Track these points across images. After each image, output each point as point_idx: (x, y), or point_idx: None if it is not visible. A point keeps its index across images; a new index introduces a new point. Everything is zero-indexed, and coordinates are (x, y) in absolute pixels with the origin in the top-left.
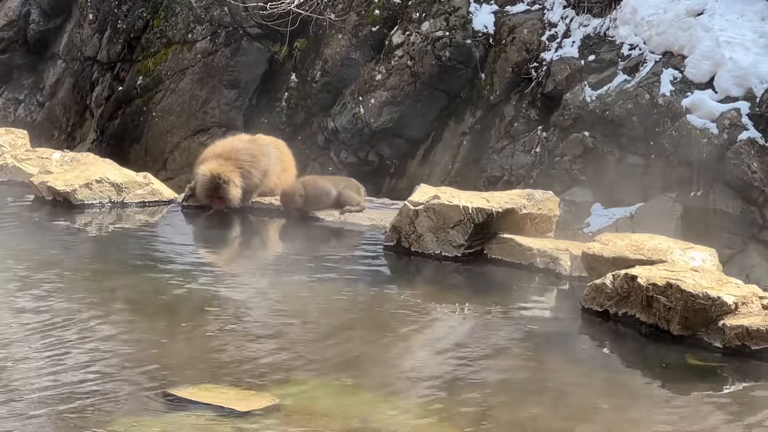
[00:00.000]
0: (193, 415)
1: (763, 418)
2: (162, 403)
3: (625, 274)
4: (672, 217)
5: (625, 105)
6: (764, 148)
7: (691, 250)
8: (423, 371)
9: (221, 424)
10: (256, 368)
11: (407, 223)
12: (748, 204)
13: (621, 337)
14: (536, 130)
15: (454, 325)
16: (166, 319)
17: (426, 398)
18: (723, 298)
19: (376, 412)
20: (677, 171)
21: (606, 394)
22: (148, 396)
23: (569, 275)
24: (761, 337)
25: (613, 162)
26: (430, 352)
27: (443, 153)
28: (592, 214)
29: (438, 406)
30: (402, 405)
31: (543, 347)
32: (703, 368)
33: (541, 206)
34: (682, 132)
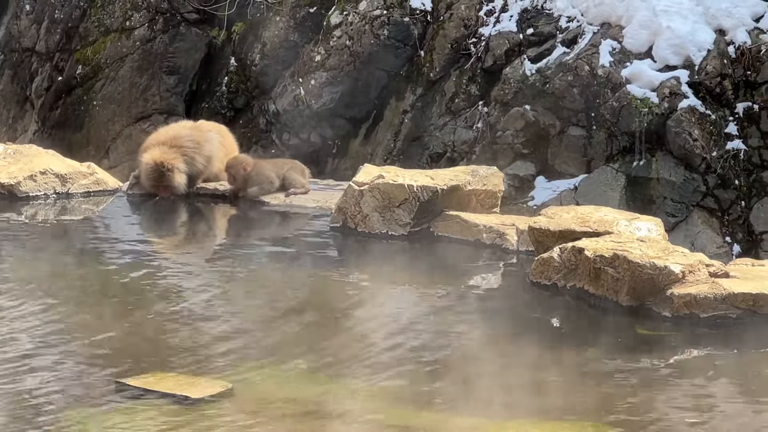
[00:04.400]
0: (145, 403)
1: (712, 387)
2: (113, 393)
3: (572, 246)
4: (615, 188)
5: (565, 77)
6: (704, 115)
7: (637, 220)
8: (375, 352)
9: (175, 411)
10: (208, 354)
11: (353, 203)
12: (691, 171)
13: (570, 309)
14: (477, 105)
15: (404, 304)
16: (114, 308)
17: (379, 379)
18: (670, 267)
19: (330, 395)
20: (619, 141)
21: (556, 367)
22: (99, 386)
23: (516, 250)
24: (709, 305)
25: (554, 135)
26: (382, 333)
27: (385, 131)
28: (536, 187)
29: (392, 386)
30: (356, 387)
31: (493, 323)
32: (652, 338)
33: (486, 182)
34: (623, 102)
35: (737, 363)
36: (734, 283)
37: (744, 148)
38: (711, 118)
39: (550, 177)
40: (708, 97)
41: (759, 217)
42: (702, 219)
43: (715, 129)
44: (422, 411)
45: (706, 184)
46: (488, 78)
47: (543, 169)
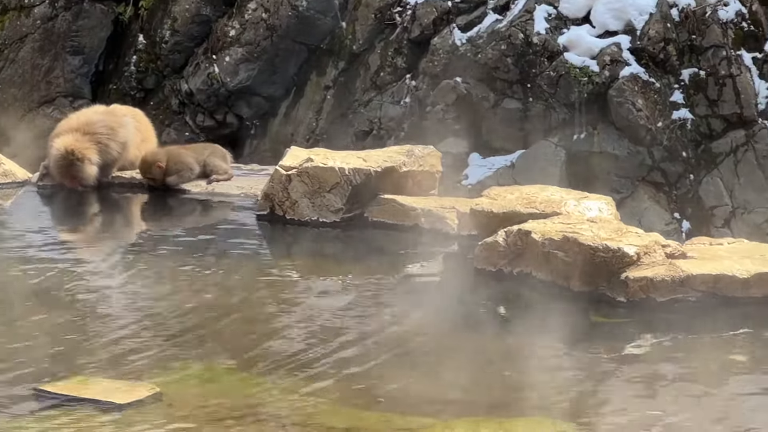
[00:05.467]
0: (68, 411)
1: (672, 375)
2: (32, 401)
3: (519, 230)
4: (555, 163)
5: (498, 47)
6: (648, 83)
7: (586, 199)
8: (309, 348)
9: (100, 418)
10: (132, 356)
11: (280, 189)
12: (635, 144)
13: (518, 297)
14: (404, 79)
15: (337, 296)
16: (26, 310)
17: (315, 377)
18: (624, 250)
19: (262, 395)
20: (558, 114)
21: (506, 359)
22: (17, 394)
23: (458, 234)
24: (667, 288)
25: (488, 108)
26: (314, 327)
27: (306, 110)
28: (470, 165)
29: (330, 385)
30: (291, 386)
31: (436, 314)
32: (607, 325)
33: (423, 162)
34: (561, 72)
35: (698, 349)
36: (692, 264)
37: (691, 117)
38: (655, 87)
39: (485, 154)
40: (651, 64)
41: (709, 190)
42: (649, 194)
43: (659, 98)
44: (366, 411)
45: (652, 157)
46: (415, 49)
47: (477, 145)
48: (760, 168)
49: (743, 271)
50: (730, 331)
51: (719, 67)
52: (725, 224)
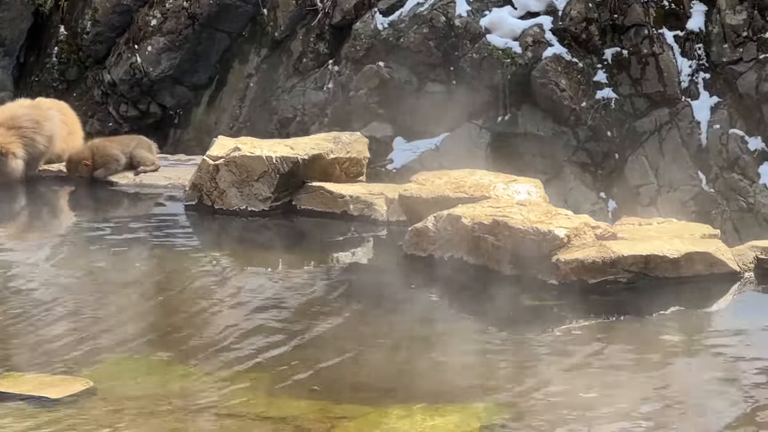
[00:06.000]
0: (1, 407)
1: (604, 357)
2: None
3: (448, 214)
4: (480, 146)
5: (420, 30)
6: (571, 63)
7: (515, 183)
8: (240, 338)
9: (33, 414)
10: (63, 351)
11: (208, 179)
12: (560, 124)
13: (449, 282)
14: (327, 64)
15: (267, 285)
16: None
17: (248, 367)
18: (554, 232)
19: (197, 386)
20: (481, 96)
21: (439, 345)
22: None
23: (387, 221)
24: (598, 270)
25: (412, 92)
26: (245, 318)
27: (230, 98)
28: (395, 149)
29: (259, 374)
30: (222, 377)
31: (367, 301)
32: (539, 308)
33: (350, 149)
34: (483, 54)
35: (629, 330)
36: (623, 245)
37: (615, 96)
38: (578, 67)
39: (410, 137)
40: (574, 44)
41: (634, 169)
42: (574, 175)
43: (583, 78)
44: (300, 400)
45: (577, 138)
46: (337, 35)
47: (401, 129)
48: (684, 146)
49: (673, 251)
50: (662, 311)
51: (641, 45)
52: (651, 203)
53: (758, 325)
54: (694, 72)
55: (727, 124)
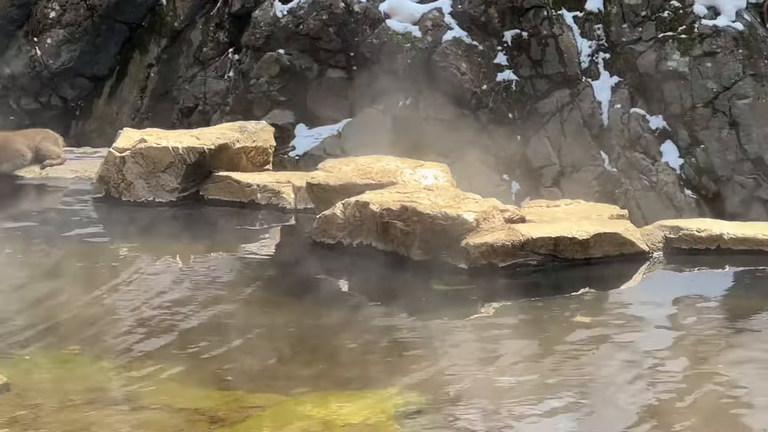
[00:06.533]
0: None
1: (514, 341)
2: None
3: (356, 201)
4: (382, 131)
5: (320, 17)
6: (471, 47)
7: (422, 168)
8: (150, 331)
9: None
10: None
11: (115, 171)
12: (461, 108)
13: (358, 269)
14: (227, 53)
15: (176, 276)
16: None
17: (158, 359)
18: (463, 216)
19: (110, 380)
20: (382, 81)
21: (350, 331)
22: None
23: (294, 209)
24: (507, 253)
25: (313, 79)
26: (155, 309)
27: (130, 88)
28: (297, 136)
29: (172, 365)
30: (135, 369)
31: (276, 289)
32: (449, 293)
33: (256, 138)
34: (383, 39)
35: (540, 312)
36: (531, 227)
37: (515, 78)
38: (478, 50)
39: (312, 124)
40: (474, 27)
41: (537, 150)
42: (477, 157)
43: (483, 60)
44: (214, 391)
45: (479, 120)
46: (237, 23)
47: (303, 116)
48: (586, 126)
49: (582, 232)
50: (572, 292)
51: (541, 27)
52: (554, 183)
53: (667, 304)
54: (594, 52)
55: (627, 104)
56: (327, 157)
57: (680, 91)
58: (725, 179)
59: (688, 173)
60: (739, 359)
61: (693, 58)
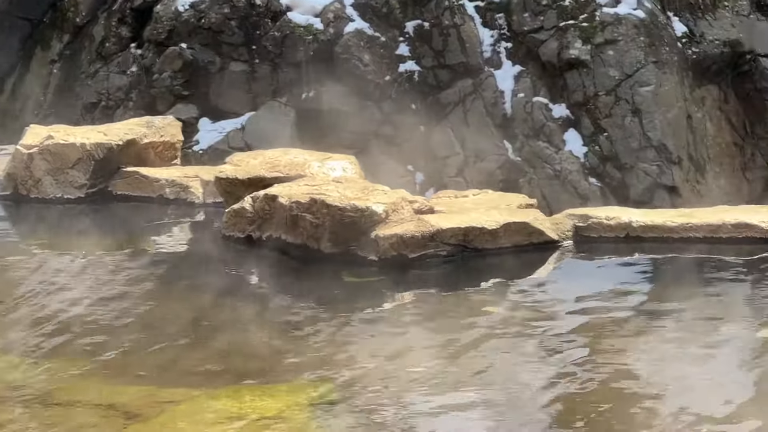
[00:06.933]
0: None
1: (424, 332)
2: None
3: (265, 195)
4: (286, 123)
5: (221, 10)
6: (373, 38)
7: (330, 160)
8: (62, 326)
9: None
10: None
11: (22, 168)
12: (364, 99)
13: (269, 262)
14: (130, 48)
15: (85, 271)
16: None
17: (70, 356)
18: (372, 208)
19: (23, 377)
20: (285, 73)
21: (262, 325)
22: None
23: (203, 203)
24: (417, 244)
25: (215, 72)
26: (65, 305)
27: (33, 85)
28: (200, 130)
29: (84, 362)
30: (47, 367)
31: (185, 284)
32: (360, 284)
33: (163, 133)
34: (285, 31)
35: (450, 303)
36: (441, 218)
37: (418, 69)
38: (380, 41)
39: (215, 118)
40: (375, 19)
41: (440, 141)
42: (381, 148)
43: (385, 52)
44: (127, 386)
45: (382, 111)
46: (139, 18)
47: (206, 110)
48: (489, 115)
49: (492, 222)
50: (482, 282)
51: (443, 17)
52: (458, 173)
53: (576, 293)
54: (496, 42)
55: (530, 93)
56: (231, 150)
57: (583, 79)
58: (629, 167)
59: (592, 161)
60: (648, 346)
61: (595, 46)
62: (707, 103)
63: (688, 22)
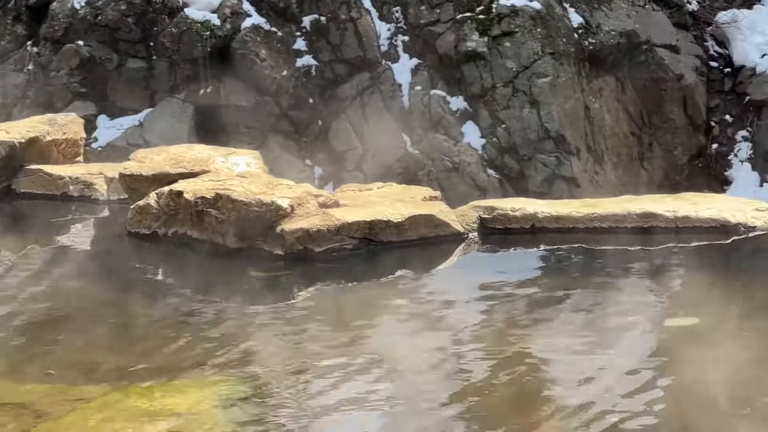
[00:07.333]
0: None
1: (330, 323)
2: None
3: (170, 191)
4: (184, 120)
5: (118, 7)
6: (270, 33)
7: (233, 155)
8: None
9: None
10: None
11: None
12: (262, 94)
13: (175, 258)
14: (26, 46)
15: None
16: None
17: None
18: (278, 203)
19: None
20: (183, 70)
21: (167, 322)
22: None
23: (108, 200)
24: (323, 238)
25: (113, 69)
26: None
27: None
28: (99, 127)
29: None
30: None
31: (91, 280)
32: (267, 279)
33: (66, 130)
34: (182, 28)
35: (358, 296)
36: (346, 211)
37: (315, 63)
38: (277, 36)
39: (113, 115)
40: (272, 14)
41: (338, 135)
42: (279, 143)
43: (282, 47)
44: (37, 385)
45: (280, 106)
46: (35, 15)
47: (104, 107)
48: (386, 109)
49: (397, 215)
50: (389, 275)
51: (339, 11)
52: (357, 167)
53: (482, 284)
54: (393, 35)
55: (428, 86)
56: (130, 147)
57: (480, 71)
58: (527, 158)
59: (490, 153)
60: (552, 337)
61: (492, 38)
62: (604, 93)
63: (584, 13)
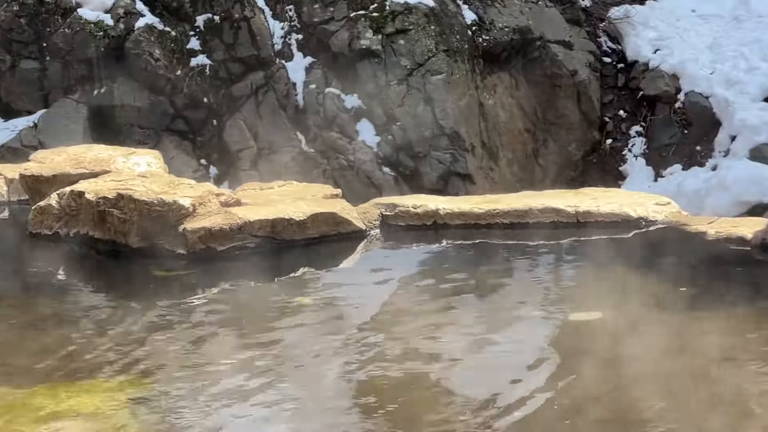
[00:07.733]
0: None
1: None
2: None
3: (71, 191)
4: (78, 120)
5: (10, 8)
6: (164, 32)
7: (134, 155)
8: None
9: None
10: None
11: None
12: (156, 94)
13: (77, 258)
14: None
15: None
16: None
17: None
18: (180, 202)
19: None
20: (76, 70)
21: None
22: None
23: (8, 201)
24: (225, 236)
25: (6, 71)
26: None
27: None
28: None
29: None
30: None
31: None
32: (169, 278)
33: None
34: (76, 28)
35: (261, 294)
36: (248, 210)
37: (209, 62)
38: (171, 35)
39: (7, 116)
40: (166, 13)
41: (233, 134)
42: (173, 143)
43: (176, 46)
44: None
45: (174, 106)
46: None
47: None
48: (281, 107)
49: (299, 213)
50: (291, 273)
51: (233, 10)
52: (252, 166)
53: (384, 281)
54: (287, 34)
55: (322, 84)
56: (24, 149)
57: (374, 69)
58: (422, 155)
59: (385, 151)
60: (452, 330)
61: (386, 35)
62: (499, 90)
63: (478, 10)
